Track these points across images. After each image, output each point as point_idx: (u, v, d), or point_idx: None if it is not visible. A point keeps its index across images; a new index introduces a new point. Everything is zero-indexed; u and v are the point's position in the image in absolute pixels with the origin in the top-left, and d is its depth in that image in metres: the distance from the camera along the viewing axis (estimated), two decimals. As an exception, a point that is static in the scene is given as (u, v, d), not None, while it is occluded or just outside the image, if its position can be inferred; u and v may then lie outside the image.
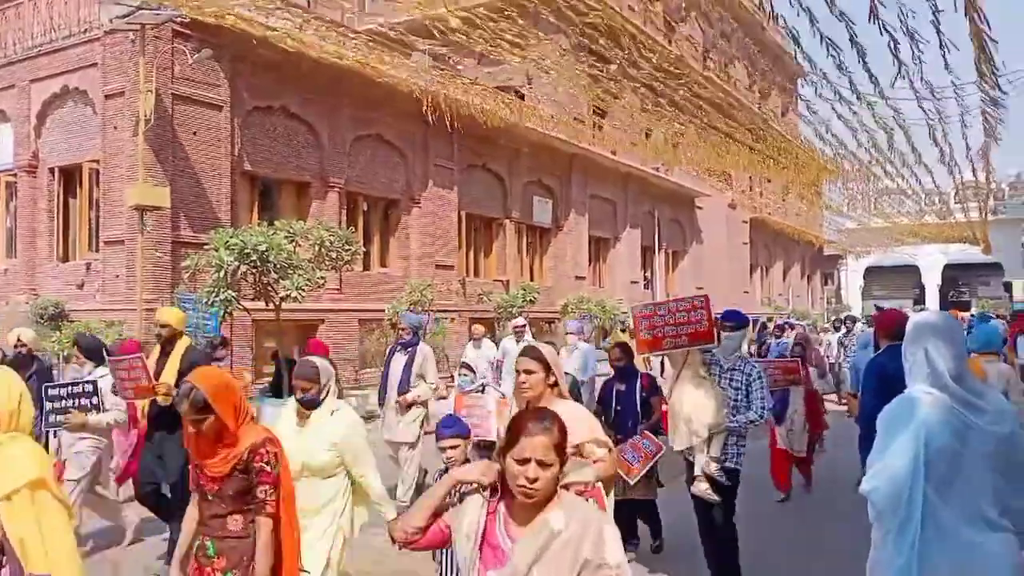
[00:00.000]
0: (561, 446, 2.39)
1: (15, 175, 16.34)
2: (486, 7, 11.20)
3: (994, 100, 9.51)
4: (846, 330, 16.28)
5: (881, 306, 19.78)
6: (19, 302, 15.13)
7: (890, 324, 5.28)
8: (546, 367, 3.72)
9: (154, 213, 13.49)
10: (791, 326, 15.65)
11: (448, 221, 20.56)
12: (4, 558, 2.92)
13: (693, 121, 14.78)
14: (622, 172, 27.91)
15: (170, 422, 5.69)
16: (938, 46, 7.33)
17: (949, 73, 8.62)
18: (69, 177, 15.92)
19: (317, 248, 12.36)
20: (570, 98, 22.41)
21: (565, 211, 25.41)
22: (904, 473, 2.90)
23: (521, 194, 23.52)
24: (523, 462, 2.33)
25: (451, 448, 4.24)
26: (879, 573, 3.07)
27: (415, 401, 8.10)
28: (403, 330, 8.41)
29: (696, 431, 5.32)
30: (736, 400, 5.49)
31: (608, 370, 7.35)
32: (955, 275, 53.19)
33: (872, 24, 6.91)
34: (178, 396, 3.34)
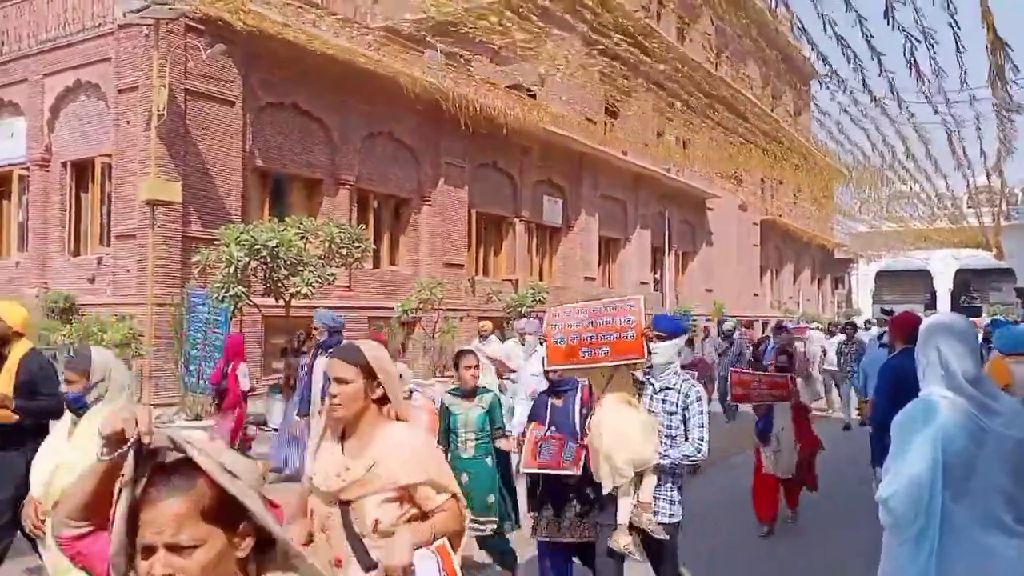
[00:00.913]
0: (217, 515, 1.52)
1: (28, 168, 16.39)
2: (502, 4, 11.17)
3: (1009, 107, 9.44)
4: (845, 337, 15.02)
5: (889, 309, 19.54)
6: (30, 295, 15.18)
7: (906, 326, 5.27)
8: (368, 374, 2.71)
9: (165, 208, 13.51)
10: (785, 329, 14.86)
11: (458, 220, 20.54)
12: None
13: (705, 121, 14.73)
14: (633, 172, 27.83)
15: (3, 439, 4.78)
16: (954, 50, 7.27)
17: (963, 77, 8.55)
18: (81, 171, 15.96)
19: (327, 245, 12.39)
20: (582, 98, 22.37)
21: (575, 211, 25.36)
22: (922, 479, 2.84)
23: (531, 193, 23.48)
24: (146, 552, 1.50)
25: None
26: None
27: None
28: (316, 330, 7.29)
29: (619, 469, 4.22)
30: (670, 428, 4.35)
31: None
32: (967, 280, 52.88)
33: (886, 24, 6.86)
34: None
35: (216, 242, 12.26)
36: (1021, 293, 45.09)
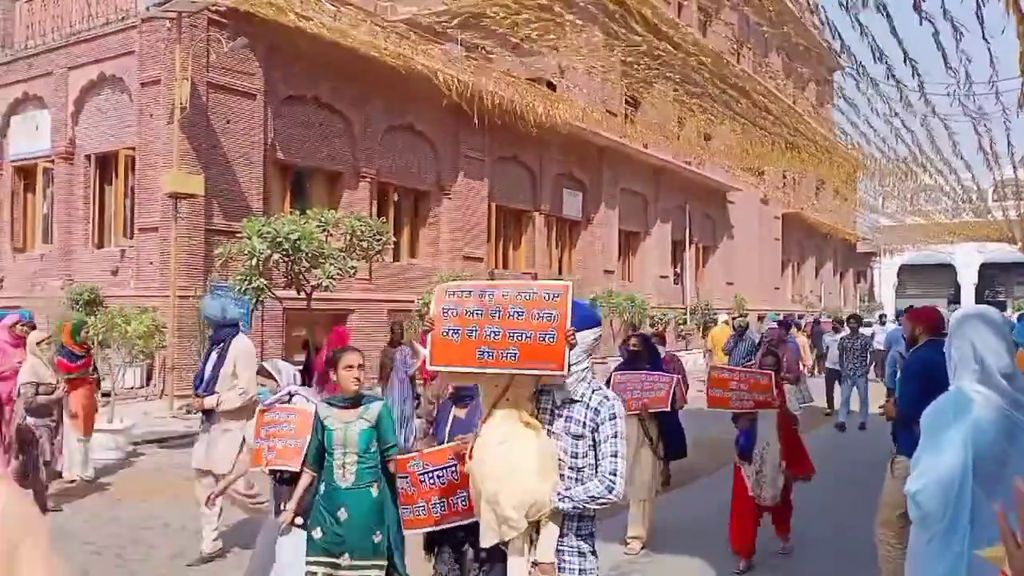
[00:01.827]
0: None
1: (52, 162, 16.56)
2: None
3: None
4: (850, 331, 14.06)
5: (911, 304, 19.25)
6: (55, 288, 15.34)
7: (930, 319, 5.25)
8: None
9: (188, 201, 13.60)
10: (786, 324, 13.63)
11: (478, 213, 20.53)
12: None
13: (727, 113, 14.59)
14: (653, 165, 27.70)
15: None
16: (980, 36, 7.15)
17: (994, 67, 8.42)
18: (105, 164, 16.10)
19: (348, 238, 12.41)
20: (602, 90, 22.27)
21: (595, 204, 25.28)
22: (952, 474, 2.80)
23: (551, 186, 23.43)
24: None
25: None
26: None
27: (213, 407, 5.92)
28: (208, 323, 6.44)
29: (507, 518, 3.04)
30: (575, 457, 3.10)
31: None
32: (992, 274, 52.25)
33: (912, 13, 6.76)
34: None
35: (238, 235, 12.32)
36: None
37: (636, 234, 28.08)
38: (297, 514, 4.27)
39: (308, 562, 4.10)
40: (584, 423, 3.11)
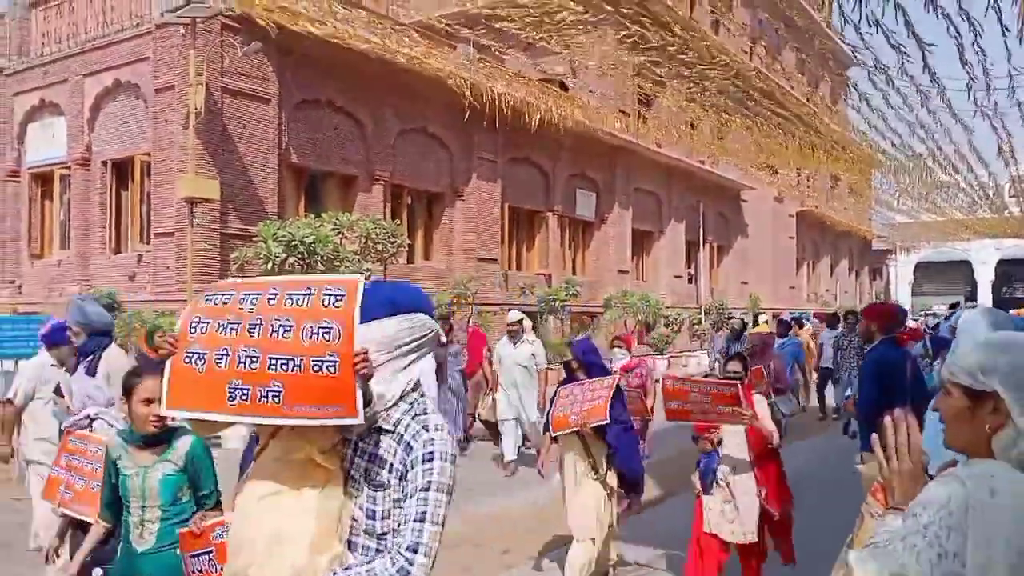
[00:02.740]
0: None
1: (69, 168, 16.69)
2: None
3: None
4: (848, 327, 13.06)
5: (928, 303, 19.06)
6: (73, 293, 15.46)
7: (884, 316, 5.49)
8: None
9: (204, 205, 13.67)
10: (799, 323, 12.01)
11: (491, 214, 20.54)
12: None
13: (740, 109, 14.56)
14: (667, 165, 27.64)
15: None
16: (997, 32, 7.10)
17: (1010, 63, 8.36)
18: (121, 170, 16.21)
19: (363, 240, 12.45)
20: (615, 89, 22.25)
21: (608, 204, 25.24)
22: None
23: (564, 187, 23.42)
24: None
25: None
26: None
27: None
28: (74, 332, 4.90)
29: None
30: (373, 517, 2.08)
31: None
32: (1009, 271, 51.82)
33: (928, 11, 6.72)
34: None
35: (254, 239, 12.38)
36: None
37: (650, 234, 28.01)
38: None
39: None
40: (390, 466, 2.06)
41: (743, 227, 34.27)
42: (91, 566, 3.29)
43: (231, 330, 2.04)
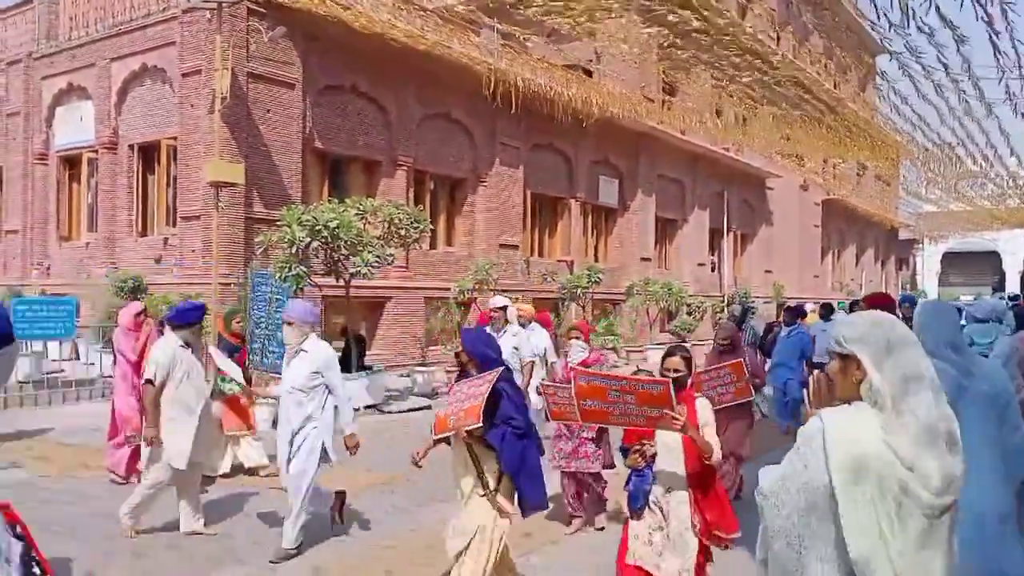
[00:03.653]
0: None
1: (96, 152, 16.85)
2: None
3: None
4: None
5: (955, 294, 18.82)
6: (100, 275, 15.65)
7: (880, 306, 5.98)
8: None
9: (229, 189, 13.77)
10: (797, 312, 10.71)
11: (513, 200, 20.51)
12: None
13: (766, 96, 14.37)
14: (691, 152, 27.44)
15: None
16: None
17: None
18: (147, 154, 16.35)
19: (387, 225, 12.47)
20: (639, 75, 22.09)
21: (632, 191, 25.12)
22: None
23: (587, 173, 23.32)
24: None
25: None
26: None
27: None
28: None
29: None
30: None
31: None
32: (1038, 261, 51.04)
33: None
34: None
35: (278, 223, 12.45)
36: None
37: (673, 221, 27.86)
38: None
39: None
40: None
41: (768, 215, 33.98)
42: None
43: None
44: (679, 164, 27.29)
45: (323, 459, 5.65)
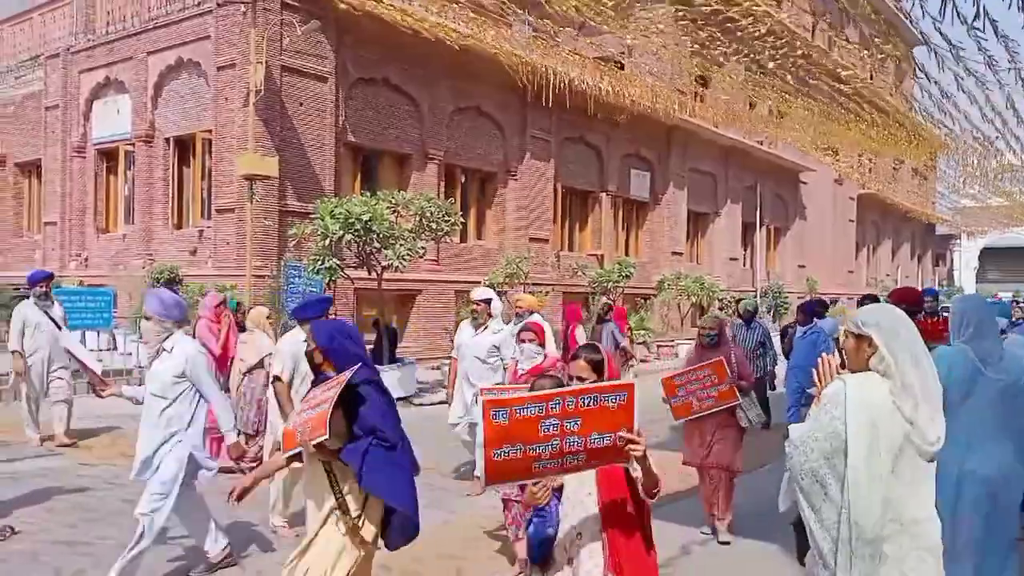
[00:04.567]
0: None
1: (133, 144, 17.08)
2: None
3: None
4: None
5: (993, 290, 18.44)
6: (136, 267, 15.88)
7: (906, 301, 5.95)
8: None
9: (263, 182, 13.89)
10: (811, 308, 9.52)
11: (544, 194, 20.48)
12: None
13: (801, 89, 14.22)
14: (723, 145, 27.19)
15: None
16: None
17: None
18: (183, 147, 16.54)
19: (418, 219, 12.50)
20: (671, 68, 21.92)
21: (663, 185, 24.96)
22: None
23: (618, 167, 23.21)
24: None
25: None
26: None
27: None
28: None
29: None
30: None
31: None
32: (1080, 258, 49.93)
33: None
34: None
35: (311, 216, 12.54)
36: None
37: (705, 215, 27.65)
38: None
39: None
40: None
41: (801, 209, 33.59)
42: None
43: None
44: (711, 157, 27.07)
45: (195, 472, 4.91)
